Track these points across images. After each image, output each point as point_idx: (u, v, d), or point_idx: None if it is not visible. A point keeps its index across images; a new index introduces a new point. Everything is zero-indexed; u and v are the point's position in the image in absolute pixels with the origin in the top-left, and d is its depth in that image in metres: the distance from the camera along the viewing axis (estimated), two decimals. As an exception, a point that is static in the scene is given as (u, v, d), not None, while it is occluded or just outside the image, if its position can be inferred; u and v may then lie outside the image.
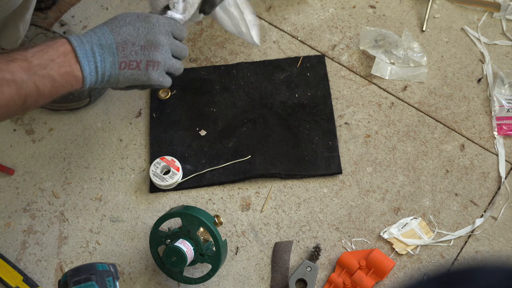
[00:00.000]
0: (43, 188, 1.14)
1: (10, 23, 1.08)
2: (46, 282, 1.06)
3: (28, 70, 0.83)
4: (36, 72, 0.84)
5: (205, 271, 1.03)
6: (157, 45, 0.93)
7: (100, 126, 1.19)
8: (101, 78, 0.91)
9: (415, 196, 1.11)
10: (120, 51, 0.91)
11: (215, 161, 1.14)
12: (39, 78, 0.84)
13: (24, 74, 0.83)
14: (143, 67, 0.93)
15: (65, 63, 0.87)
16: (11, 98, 0.82)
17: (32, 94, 0.85)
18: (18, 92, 0.82)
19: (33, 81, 0.84)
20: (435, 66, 1.23)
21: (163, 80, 0.96)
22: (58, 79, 0.86)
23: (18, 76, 0.82)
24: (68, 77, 0.88)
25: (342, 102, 1.20)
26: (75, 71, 0.88)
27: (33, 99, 0.85)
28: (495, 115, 1.17)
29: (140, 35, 0.92)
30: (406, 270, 1.05)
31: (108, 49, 0.90)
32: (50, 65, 0.85)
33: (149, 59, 0.93)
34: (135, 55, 0.92)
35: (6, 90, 0.81)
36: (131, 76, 0.93)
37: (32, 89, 0.84)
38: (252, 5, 1.31)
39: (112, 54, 0.91)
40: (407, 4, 1.30)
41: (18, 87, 0.82)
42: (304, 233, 1.08)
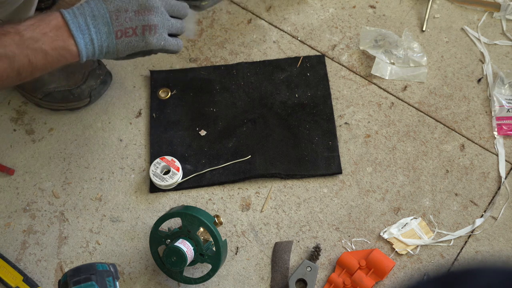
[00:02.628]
0: (43, 188, 1.14)
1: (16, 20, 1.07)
2: (46, 282, 1.06)
3: (20, 44, 0.83)
4: (28, 45, 0.83)
5: (205, 271, 1.03)
6: (150, 8, 0.91)
7: (100, 126, 1.19)
8: (98, 50, 0.89)
9: (415, 196, 1.11)
10: (114, 19, 0.89)
11: (215, 161, 1.14)
12: (32, 52, 0.84)
13: (16, 48, 0.83)
14: (140, 33, 0.91)
15: (58, 37, 0.86)
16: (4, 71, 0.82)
17: (25, 68, 0.84)
18: (11, 66, 0.82)
19: (26, 54, 0.83)
20: (435, 66, 1.23)
21: (165, 43, 0.93)
22: (51, 53, 0.85)
23: (10, 50, 0.82)
24: (62, 51, 0.87)
25: (342, 102, 1.20)
26: (69, 45, 0.87)
27: (27, 72, 0.85)
28: (495, 115, 1.17)
29: (132, 1, 0.90)
30: (406, 270, 1.05)
31: (101, 19, 0.88)
32: (42, 39, 0.85)
33: (145, 24, 0.91)
34: (130, 22, 0.90)
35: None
36: (129, 43, 0.91)
37: (25, 63, 0.84)
38: (252, 5, 1.31)
39: (107, 23, 0.89)
40: (407, 4, 1.30)
41: (10, 61, 0.82)
42: (304, 233, 1.08)
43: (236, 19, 1.30)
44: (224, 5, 1.31)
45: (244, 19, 1.29)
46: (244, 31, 1.28)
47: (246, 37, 1.27)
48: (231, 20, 1.29)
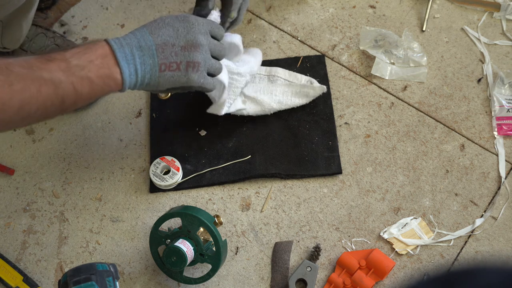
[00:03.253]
0: (43, 188, 1.14)
1: (14, 21, 1.08)
2: (46, 282, 1.06)
3: (66, 71, 0.83)
4: (74, 73, 0.83)
5: (205, 271, 1.03)
6: (197, 45, 0.92)
7: (100, 126, 1.19)
8: (140, 81, 0.90)
9: (415, 196, 1.11)
10: (160, 52, 0.90)
11: (215, 161, 1.14)
12: (77, 80, 0.84)
13: (62, 75, 0.82)
14: (183, 68, 0.91)
15: (104, 65, 0.86)
16: (48, 97, 0.82)
17: (70, 95, 0.84)
18: (56, 92, 0.82)
19: (71, 82, 0.83)
20: (435, 66, 1.23)
21: (204, 81, 0.94)
22: (96, 81, 0.85)
23: (56, 76, 0.82)
24: (107, 80, 0.87)
25: (342, 102, 1.20)
26: (114, 73, 0.87)
27: (71, 100, 0.85)
28: (495, 115, 1.17)
29: (180, 36, 0.91)
30: (406, 270, 1.05)
31: (148, 51, 0.89)
32: (89, 67, 0.85)
33: (189, 60, 0.91)
34: (175, 56, 0.90)
35: (43, 89, 0.81)
36: (171, 78, 0.91)
37: (69, 90, 0.83)
38: (252, 5, 1.31)
39: (152, 56, 0.89)
40: (407, 4, 1.30)
41: (55, 87, 0.82)
42: (304, 233, 1.08)
43: (236, 19, 1.29)
44: (224, 5, 1.31)
45: (244, 19, 1.29)
46: (244, 31, 1.28)
47: (246, 37, 1.27)
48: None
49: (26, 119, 0.83)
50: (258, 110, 1.15)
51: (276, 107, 1.15)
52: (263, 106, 1.14)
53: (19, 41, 1.14)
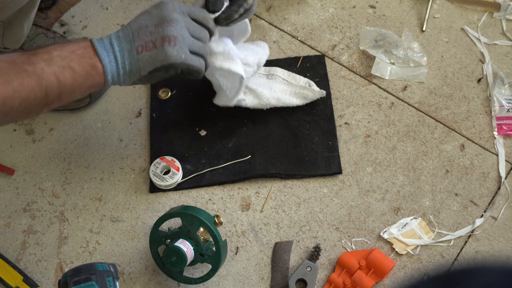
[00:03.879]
0: (43, 188, 1.14)
1: (15, 21, 1.08)
2: (46, 282, 1.06)
3: (48, 61, 0.84)
4: (56, 62, 0.84)
5: (205, 271, 1.03)
6: (170, 20, 0.90)
7: (100, 126, 1.19)
8: (122, 68, 0.90)
9: (415, 196, 1.11)
10: (136, 36, 0.90)
11: (215, 161, 1.14)
12: (59, 69, 0.84)
13: (44, 65, 0.83)
14: (159, 45, 0.89)
15: (85, 54, 0.88)
16: (31, 90, 0.82)
17: (53, 87, 0.84)
18: (39, 83, 0.82)
19: (53, 72, 0.84)
20: (435, 66, 1.23)
21: (186, 57, 0.91)
22: (78, 70, 0.86)
23: (39, 67, 0.83)
24: (89, 69, 0.87)
25: (342, 102, 1.20)
26: (94, 62, 0.88)
27: (55, 92, 0.85)
28: (495, 115, 1.17)
29: (153, 16, 0.91)
30: (406, 270, 1.05)
31: (125, 38, 0.90)
32: (70, 56, 0.86)
33: (164, 35, 0.89)
34: (150, 35, 0.90)
35: (26, 81, 0.81)
36: (149, 58, 0.90)
37: (52, 81, 0.84)
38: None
39: (129, 41, 0.90)
40: (407, 4, 1.30)
41: (38, 78, 0.82)
42: (304, 233, 1.08)
43: (236, 19, 1.29)
44: (224, 5, 1.31)
45: (244, 19, 1.29)
46: (244, 31, 1.28)
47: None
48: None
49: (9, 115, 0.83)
50: (256, 103, 1.15)
51: (273, 103, 1.15)
52: (261, 100, 1.14)
53: (20, 41, 1.14)
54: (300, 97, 1.16)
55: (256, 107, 1.16)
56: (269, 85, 1.16)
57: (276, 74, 1.19)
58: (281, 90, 1.16)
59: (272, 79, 1.18)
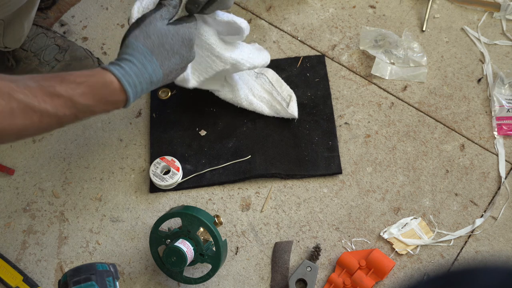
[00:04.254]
0: (43, 188, 1.14)
1: (16, 20, 1.08)
2: (46, 282, 1.06)
3: (72, 108, 0.83)
4: (81, 110, 0.84)
5: (205, 271, 1.03)
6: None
7: (100, 126, 1.19)
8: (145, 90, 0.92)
9: (415, 196, 1.11)
10: (165, 79, 0.93)
11: (215, 161, 1.14)
12: (81, 114, 0.85)
13: (67, 111, 0.83)
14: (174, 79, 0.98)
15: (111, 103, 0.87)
16: (49, 126, 0.83)
17: (71, 121, 0.85)
18: (58, 122, 0.83)
19: (75, 114, 0.84)
20: (435, 66, 1.23)
21: None
22: (98, 112, 0.87)
23: (61, 111, 0.82)
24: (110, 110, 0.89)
25: (342, 102, 1.20)
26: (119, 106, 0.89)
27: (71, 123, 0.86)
28: (495, 115, 1.17)
29: (184, 61, 0.95)
30: (406, 270, 1.05)
31: (155, 83, 0.92)
32: (97, 106, 0.85)
33: (183, 72, 0.97)
34: (175, 76, 0.95)
35: (46, 120, 0.81)
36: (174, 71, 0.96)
37: (72, 119, 0.85)
38: (252, 5, 1.31)
39: (157, 84, 0.92)
40: (407, 4, 1.30)
41: (58, 119, 0.82)
42: (304, 233, 1.08)
43: (236, 19, 1.29)
44: (224, 5, 1.31)
45: (244, 19, 1.29)
46: (244, 31, 1.28)
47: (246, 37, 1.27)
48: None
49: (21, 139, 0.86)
50: (229, 98, 1.15)
51: (245, 105, 1.16)
52: (235, 97, 1.15)
53: (20, 41, 1.14)
54: (273, 110, 1.16)
55: (227, 100, 1.16)
56: (251, 84, 1.16)
57: (266, 75, 1.19)
58: (259, 96, 1.16)
59: (260, 78, 1.18)
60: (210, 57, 1.05)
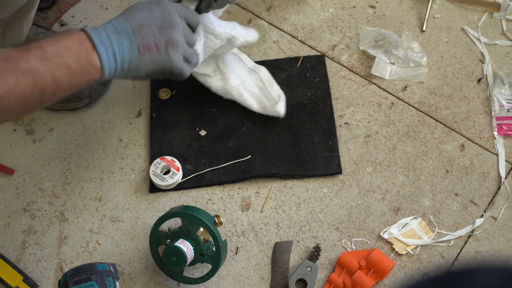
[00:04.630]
0: (43, 188, 1.14)
1: (15, 21, 1.08)
2: (46, 282, 1.06)
3: (43, 59, 0.80)
4: (52, 60, 0.81)
5: (205, 271, 1.03)
6: (173, 25, 0.90)
7: (100, 126, 1.19)
8: (120, 65, 0.87)
9: (415, 196, 1.11)
10: (137, 34, 0.88)
11: (215, 161, 1.14)
12: (55, 67, 0.81)
13: (40, 63, 0.79)
14: (163, 49, 0.90)
15: (81, 51, 0.84)
16: (27, 89, 0.79)
17: (49, 85, 0.81)
18: (34, 82, 0.79)
19: (49, 70, 0.80)
20: (435, 66, 1.23)
21: (183, 65, 0.92)
22: (75, 68, 0.83)
23: (34, 65, 0.79)
24: (86, 66, 0.84)
25: (342, 102, 1.20)
26: (92, 59, 0.84)
27: (51, 90, 0.82)
28: (495, 115, 1.17)
29: (155, 17, 0.89)
30: (406, 270, 1.05)
31: (124, 34, 0.87)
32: (66, 53, 0.82)
33: (168, 40, 0.90)
34: (153, 37, 0.89)
35: (21, 80, 0.78)
36: (151, 59, 0.89)
37: (48, 79, 0.80)
38: (252, 5, 1.31)
39: (129, 38, 0.87)
40: (407, 4, 1.30)
41: (34, 77, 0.79)
42: (304, 233, 1.08)
43: (236, 19, 1.29)
44: (224, 5, 1.31)
45: (244, 19, 1.29)
46: (244, 31, 1.28)
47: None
48: (231, 20, 1.29)
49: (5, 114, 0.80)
50: (218, 87, 1.15)
51: (234, 95, 1.15)
52: (225, 85, 1.14)
53: (20, 41, 1.14)
54: (261, 106, 1.16)
55: (217, 91, 1.15)
56: (242, 78, 1.16)
57: (259, 73, 1.18)
58: (250, 90, 1.16)
59: (252, 75, 1.18)
60: (207, 36, 1.05)
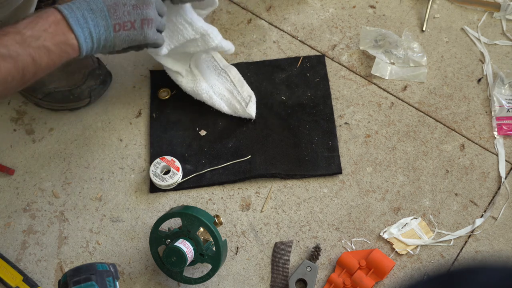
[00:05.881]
0: (43, 188, 1.14)
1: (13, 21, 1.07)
2: (46, 282, 1.06)
3: (22, 43, 0.82)
4: (30, 44, 0.83)
5: (205, 271, 1.03)
6: (148, 2, 0.93)
7: (100, 126, 1.19)
8: (96, 44, 0.90)
9: (415, 196, 1.11)
10: (112, 13, 0.90)
11: (215, 161, 1.14)
12: (34, 50, 0.84)
13: (19, 47, 0.82)
14: (138, 27, 0.93)
15: (58, 32, 0.86)
16: (8, 73, 0.81)
17: (29, 67, 0.84)
18: (15, 66, 0.82)
19: (29, 53, 0.83)
20: (435, 66, 1.23)
21: (157, 37, 0.97)
22: (53, 49, 0.86)
23: (13, 49, 0.82)
24: (64, 46, 0.87)
25: (342, 102, 1.20)
26: (69, 39, 0.87)
27: (31, 72, 0.85)
28: (495, 115, 1.17)
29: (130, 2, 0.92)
30: (406, 270, 1.05)
31: (99, 13, 0.89)
32: (43, 36, 0.85)
33: (143, 17, 0.93)
34: (128, 15, 0.92)
35: (2, 65, 0.80)
36: (127, 37, 0.93)
37: (28, 62, 0.83)
38: (252, 5, 1.31)
39: (104, 17, 0.90)
40: (407, 4, 1.30)
41: (14, 61, 0.81)
42: (304, 233, 1.08)
43: (236, 19, 1.30)
44: (224, 5, 1.31)
45: (244, 19, 1.29)
46: (244, 31, 1.28)
47: (246, 37, 1.27)
48: (231, 20, 1.29)
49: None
50: (189, 88, 1.16)
51: (204, 97, 1.16)
52: (195, 87, 1.15)
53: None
54: (231, 109, 1.17)
55: (187, 91, 1.16)
56: (211, 82, 1.16)
57: (228, 74, 1.19)
58: (220, 93, 1.16)
59: (222, 76, 1.18)
60: (183, 24, 1.07)
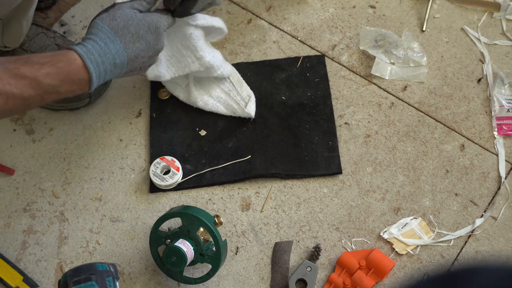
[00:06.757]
0: (43, 188, 1.14)
1: (14, 19, 1.08)
2: (46, 282, 1.06)
3: (37, 89, 0.85)
4: (46, 90, 0.86)
5: (205, 271, 1.03)
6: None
7: (100, 126, 1.19)
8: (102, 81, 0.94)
9: (415, 196, 1.11)
10: (130, 64, 0.95)
11: (215, 161, 1.14)
12: (46, 94, 0.87)
13: (33, 91, 0.84)
14: (144, 69, 1.00)
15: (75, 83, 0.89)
16: (15, 108, 0.84)
17: (37, 103, 0.87)
18: (23, 103, 0.85)
19: (40, 95, 0.86)
20: (435, 66, 1.23)
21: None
22: (64, 93, 0.89)
23: (26, 92, 0.84)
24: (76, 91, 0.90)
25: (342, 102, 1.20)
26: (84, 88, 0.91)
27: (37, 105, 0.89)
28: (495, 115, 1.17)
29: (150, 48, 0.96)
30: (406, 270, 1.05)
31: (120, 66, 0.94)
32: (61, 86, 0.87)
33: (151, 63, 0.99)
34: (141, 64, 0.97)
35: (11, 101, 0.83)
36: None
37: (38, 101, 0.87)
38: (252, 5, 1.31)
39: (122, 68, 0.94)
40: (407, 4, 1.30)
41: (24, 100, 0.84)
42: (304, 233, 1.08)
43: (236, 19, 1.30)
44: (224, 5, 1.31)
45: (244, 19, 1.29)
46: (244, 31, 1.28)
47: (246, 37, 1.27)
48: (231, 20, 1.29)
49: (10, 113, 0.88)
50: (185, 97, 1.17)
51: (200, 105, 1.16)
52: (189, 96, 1.16)
53: (19, 40, 1.14)
54: (229, 110, 1.17)
55: (183, 101, 1.18)
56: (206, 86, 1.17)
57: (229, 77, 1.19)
58: (216, 96, 1.16)
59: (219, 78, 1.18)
60: (191, 58, 1.09)
